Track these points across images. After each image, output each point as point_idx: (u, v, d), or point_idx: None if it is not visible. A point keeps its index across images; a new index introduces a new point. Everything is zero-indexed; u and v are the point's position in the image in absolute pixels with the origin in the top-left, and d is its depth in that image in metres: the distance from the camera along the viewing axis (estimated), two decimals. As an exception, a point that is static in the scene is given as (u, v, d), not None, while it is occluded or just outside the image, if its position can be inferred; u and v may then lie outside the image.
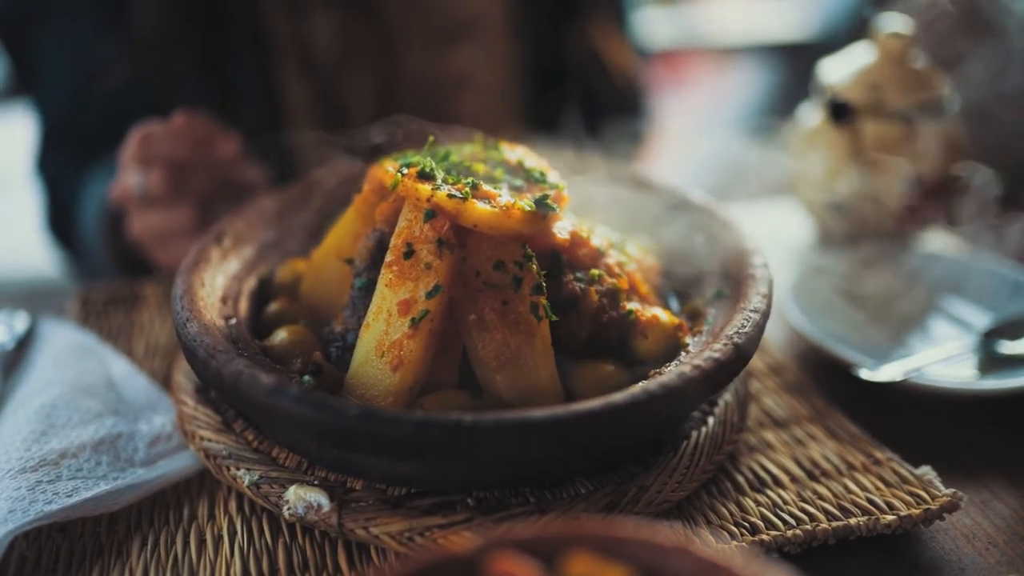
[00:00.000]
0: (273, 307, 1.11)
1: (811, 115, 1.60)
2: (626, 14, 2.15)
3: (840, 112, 1.47)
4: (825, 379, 1.23)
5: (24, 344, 1.28)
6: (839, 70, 1.56)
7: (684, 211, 1.23)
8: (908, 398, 1.18)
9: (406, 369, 0.92)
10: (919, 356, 1.20)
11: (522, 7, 1.94)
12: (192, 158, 1.38)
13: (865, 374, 1.14)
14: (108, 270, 1.68)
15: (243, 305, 1.10)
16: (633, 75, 2.08)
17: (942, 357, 1.20)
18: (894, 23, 1.52)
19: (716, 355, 0.90)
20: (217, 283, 1.09)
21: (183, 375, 1.13)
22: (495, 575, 0.63)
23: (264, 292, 1.16)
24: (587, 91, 1.88)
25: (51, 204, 1.86)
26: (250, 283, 1.15)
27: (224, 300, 1.08)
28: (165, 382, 1.21)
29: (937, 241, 1.65)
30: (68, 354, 1.23)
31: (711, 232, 1.18)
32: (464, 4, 1.89)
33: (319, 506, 0.91)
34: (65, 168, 1.79)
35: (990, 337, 1.26)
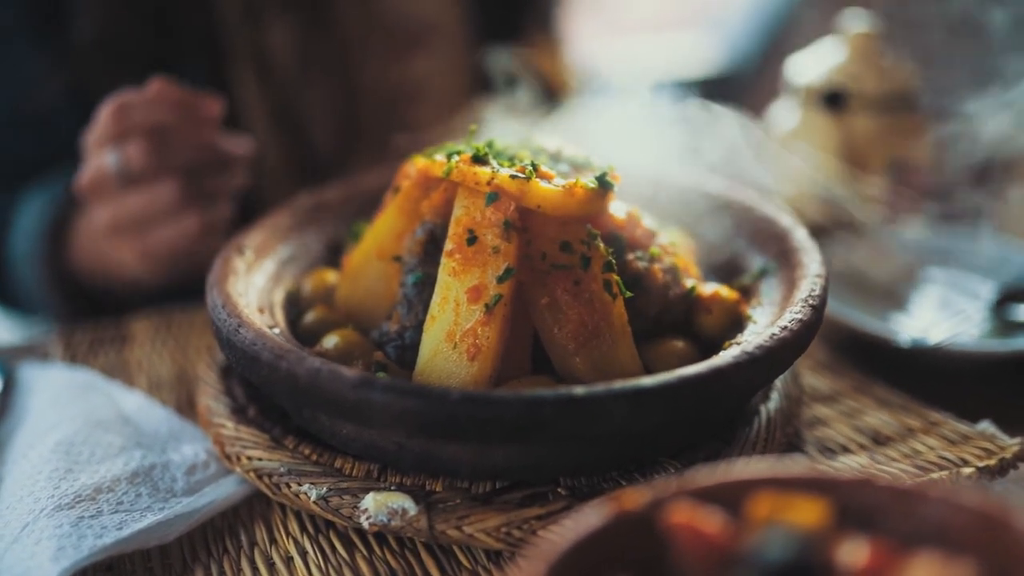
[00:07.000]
0: (311, 316, 1.05)
1: (788, 113, 1.64)
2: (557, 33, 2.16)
3: (835, 100, 1.51)
4: (851, 355, 1.24)
5: (7, 391, 1.18)
6: (812, 66, 1.60)
7: (703, 198, 1.23)
8: (938, 365, 1.20)
9: (484, 356, 0.88)
10: (943, 325, 1.22)
11: (476, 17, 1.93)
12: (174, 124, 1.24)
13: (905, 343, 1.16)
14: (43, 308, 1.52)
15: (279, 316, 1.04)
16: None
17: (963, 324, 1.23)
18: (861, 22, 1.59)
19: (799, 316, 0.90)
20: (250, 294, 1.03)
21: (211, 399, 1.06)
22: (675, 529, 0.59)
23: (293, 305, 1.10)
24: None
25: None
26: (278, 295, 1.09)
27: (260, 311, 1.01)
28: (180, 413, 1.13)
29: (918, 224, 1.70)
30: (68, 393, 1.14)
31: (738, 214, 1.18)
32: (418, 13, 1.86)
33: (404, 511, 0.85)
34: None
35: (1001, 304, 1.30)
